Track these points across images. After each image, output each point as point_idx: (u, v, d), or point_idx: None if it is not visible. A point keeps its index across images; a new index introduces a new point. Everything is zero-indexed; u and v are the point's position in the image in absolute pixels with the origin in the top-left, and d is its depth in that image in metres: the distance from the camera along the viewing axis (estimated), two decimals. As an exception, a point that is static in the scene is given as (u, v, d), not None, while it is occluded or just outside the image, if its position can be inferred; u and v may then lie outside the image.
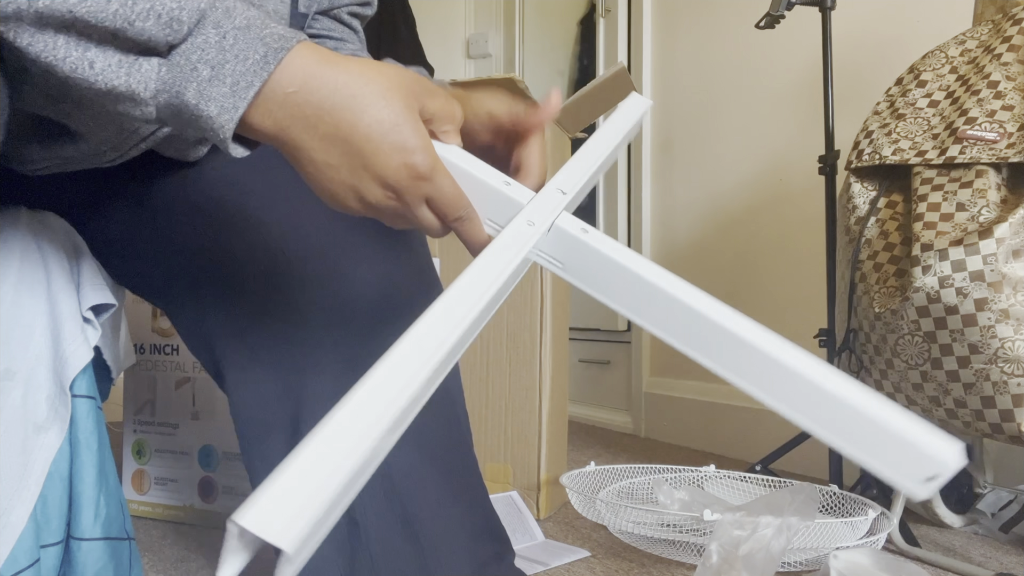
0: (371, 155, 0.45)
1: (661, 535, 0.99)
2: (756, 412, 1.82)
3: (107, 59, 0.42)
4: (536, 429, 1.29)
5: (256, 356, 0.74)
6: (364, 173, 0.46)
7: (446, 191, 0.48)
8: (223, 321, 0.75)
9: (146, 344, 1.33)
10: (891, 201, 1.12)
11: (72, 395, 0.65)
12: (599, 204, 2.44)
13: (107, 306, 0.70)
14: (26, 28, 0.42)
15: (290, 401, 0.73)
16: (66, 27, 0.42)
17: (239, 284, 0.74)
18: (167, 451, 1.30)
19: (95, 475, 0.67)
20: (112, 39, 0.42)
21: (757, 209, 1.88)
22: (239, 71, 0.43)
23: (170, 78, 0.43)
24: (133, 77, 0.43)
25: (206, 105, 0.43)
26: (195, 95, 0.43)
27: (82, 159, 0.68)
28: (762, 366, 0.45)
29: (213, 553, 1.14)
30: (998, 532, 1.18)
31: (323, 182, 0.47)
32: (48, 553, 0.63)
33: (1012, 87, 1.01)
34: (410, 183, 0.46)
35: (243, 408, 0.75)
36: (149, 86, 0.43)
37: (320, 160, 0.46)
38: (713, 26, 2.04)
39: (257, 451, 0.74)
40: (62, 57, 0.42)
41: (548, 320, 1.31)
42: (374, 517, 0.68)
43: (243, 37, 0.44)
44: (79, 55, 0.42)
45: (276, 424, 0.73)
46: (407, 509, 0.68)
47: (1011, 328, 0.92)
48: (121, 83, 0.43)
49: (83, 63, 0.42)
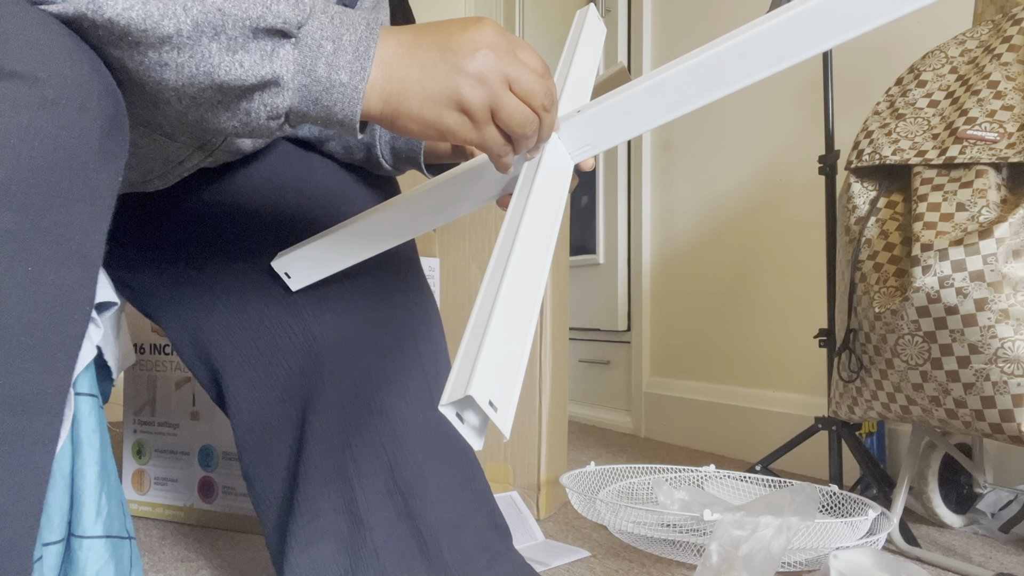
0: (465, 51, 0.52)
1: (661, 535, 0.99)
2: (756, 412, 1.83)
3: (251, 56, 0.48)
4: (536, 429, 1.29)
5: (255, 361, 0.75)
6: (458, 49, 0.52)
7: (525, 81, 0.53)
8: (221, 329, 0.75)
9: (146, 344, 1.33)
10: (891, 201, 1.12)
11: (74, 393, 0.65)
12: (599, 204, 2.44)
13: (109, 304, 0.70)
14: (185, 42, 0.46)
15: (294, 405, 0.73)
16: (216, 33, 0.46)
17: (239, 292, 0.75)
18: (167, 451, 1.30)
19: (97, 473, 0.67)
20: (252, 35, 0.47)
21: (757, 209, 1.88)
22: (354, 40, 0.50)
23: (302, 58, 0.49)
24: (276, 63, 0.48)
25: (337, 73, 0.49)
26: (325, 68, 0.49)
27: (128, 186, 0.70)
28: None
29: (213, 553, 1.13)
30: (998, 532, 1.18)
31: (423, 90, 0.51)
32: (50, 551, 0.63)
33: (1012, 87, 1.01)
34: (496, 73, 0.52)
35: (243, 413, 0.75)
36: (289, 68, 0.49)
37: (418, 74, 0.51)
38: (713, 26, 2.04)
39: (259, 455, 0.74)
40: (217, 63, 0.47)
41: (548, 320, 1.31)
42: (377, 513, 0.68)
43: (343, 15, 0.51)
44: (231, 59, 0.47)
45: (279, 427, 0.74)
46: (410, 504, 0.69)
47: (1011, 328, 0.92)
48: (267, 72, 0.48)
49: (235, 65, 0.47)
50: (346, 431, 0.71)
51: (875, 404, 1.11)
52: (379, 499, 0.69)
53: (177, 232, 0.77)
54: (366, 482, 0.69)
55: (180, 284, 0.77)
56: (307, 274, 0.72)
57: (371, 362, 0.73)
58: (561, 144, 0.61)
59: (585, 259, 2.47)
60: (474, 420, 0.42)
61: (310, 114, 0.51)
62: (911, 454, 1.16)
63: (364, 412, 0.71)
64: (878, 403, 1.11)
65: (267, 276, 0.74)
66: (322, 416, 0.72)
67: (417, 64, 0.51)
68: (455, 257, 1.32)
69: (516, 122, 0.53)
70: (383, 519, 0.68)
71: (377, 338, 0.74)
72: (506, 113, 0.53)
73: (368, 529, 0.68)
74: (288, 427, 0.73)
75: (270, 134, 0.53)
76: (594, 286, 2.45)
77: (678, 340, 2.14)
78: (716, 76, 0.56)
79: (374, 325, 0.74)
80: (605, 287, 2.40)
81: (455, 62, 0.51)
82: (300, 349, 0.73)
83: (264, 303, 0.74)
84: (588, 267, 2.47)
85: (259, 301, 0.74)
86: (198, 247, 0.76)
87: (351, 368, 0.72)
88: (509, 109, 0.53)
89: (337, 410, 0.72)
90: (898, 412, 1.08)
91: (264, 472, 0.74)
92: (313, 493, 0.70)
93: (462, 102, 0.51)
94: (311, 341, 0.73)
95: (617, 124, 0.59)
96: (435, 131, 0.52)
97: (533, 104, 0.54)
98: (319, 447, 0.71)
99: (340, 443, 0.70)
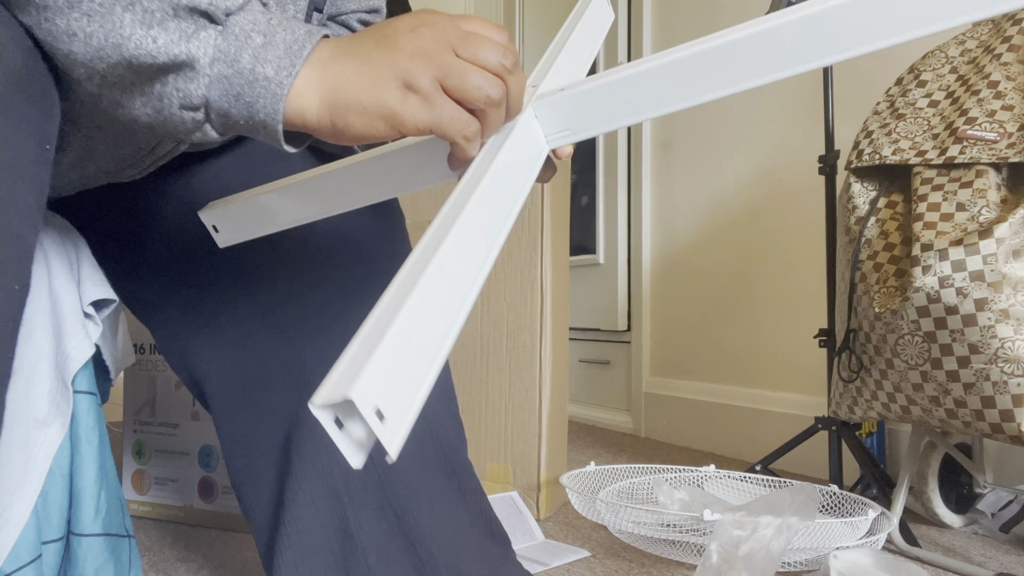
0: (401, 32, 0.47)
1: (661, 535, 0.99)
2: (756, 412, 1.82)
3: (168, 34, 0.44)
4: (536, 429, 1.29)
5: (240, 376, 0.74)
6: (394, 33, 0.47)
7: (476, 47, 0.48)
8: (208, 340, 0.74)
9: (146, 344, 1.33)
10: (891, 201, 1.12)
11: (73, 391, 0.65)
12: (599, 204, 2.44)
13: (107, 302, 0.70)
14: (96, 9, 0.43)
15: (282, 420, 0.72)
16: (132, 2, 0.43)
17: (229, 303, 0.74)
18: (167, 451, 1.30)
19: (95, 471, 0.67)
20: (174, 12, 0.44)
21: (757, 209, 1.88)
22: (288, 39, 0.46)
23: (226, 45, 0.45)
24: (192, 44, 0.45)
25: (263, 67, 0.45)
26: (251, 59, 0.45)
27: (102, 176, 0.69)
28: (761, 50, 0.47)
29: (213, 553, 1.13)
30: (998, 532, 1.18)
31: (361, 76, 0.46)
32: (49, 549, 0.63)
33: (1012, 87, 1.01)
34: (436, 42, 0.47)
35: (229, 428, 0.74)
36: (208, 52, 0.45)
37: (355, 64, 0.47)
38: (713, 26, 2.04)
39: (246, 470, 0.73)
40: (128, 35, 0.44)
41: (548, 320, 1.31)
42: (369, 529, 0.67)
43: (285, 19, 0.48)
44: (144, 32, 0.44)
45: (266, 443, 0.72)
46: (402, 520, 0.67)
47: (1011, 328, 0.92)
48: (182, 51, 0.45)
49: (147, 39, 0.44)
50: (333, 446, 0.69)
51: (875, 404, 1.11)
52: (370, 516, 0.67)
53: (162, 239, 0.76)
54: (356, 499, 0.67)
55: (167, 295, 0.76)
56: (236, 232, 0.65)
57: None
58: (537, 124, 0.52)
59: (585, 259, 2.47)
60: (358, 431, 0.33)
61: (231, 112, 0.47)
62: (911, 454, 1.16)
63: None
64: (878, 403, 1.10)
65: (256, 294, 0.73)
66: (308, 431, 0.70)
67: (353, 56, 0.47)
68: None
69: (472, 84, 0.46)
70: (375, 537, 0.66)
71: None
72: (457, 78, 0.46)
73: (360, 548, 0.66)
74: (274, 442, 0.71)
75: (187, 131, 0.48)
76: (594, 286, 2.45)
77: (678, 340, 2.14)
78: (726, 71, 0.48)
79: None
80: (605, 287, 2.40)
81: (392, 44, 0.46)
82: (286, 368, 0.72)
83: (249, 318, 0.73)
84: (588, 267, 2.47)
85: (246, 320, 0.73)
86: (186, 261, 0.75)
87: None
88: (459, 71, 0.46)
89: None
90: (898, 412, 1.08)
91: (251, 488, 0.73)
92: (302, 511, 0.68)
93: (405, 76, 0.45)
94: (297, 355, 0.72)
95: (605, 110, 0.50)
96: (382, 120, 0.46)
97: (489, 64, 0.47)
98: (306, 463, 0.69)
99: (328, 459, 0.68)
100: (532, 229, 1.32)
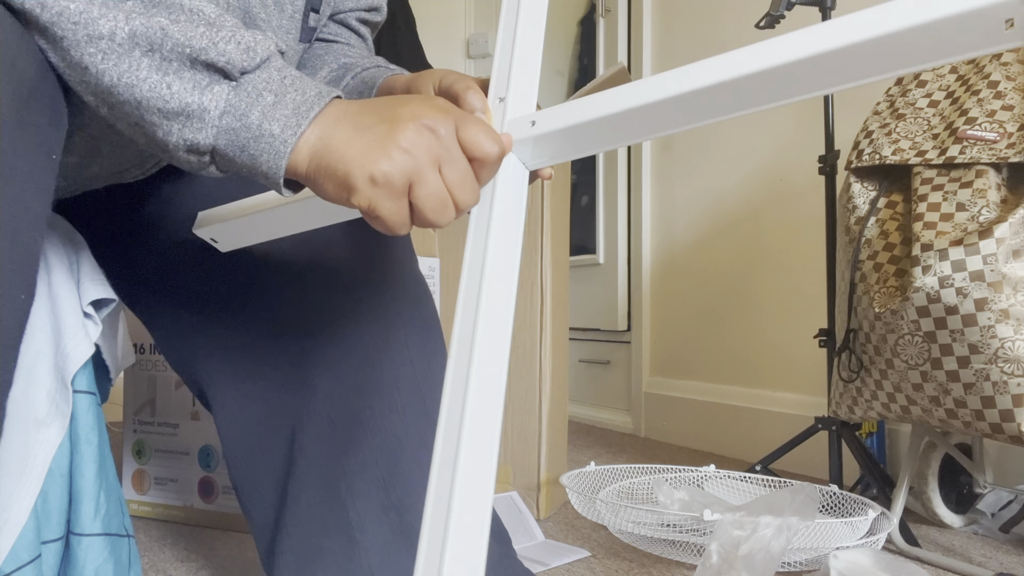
0: (403, 120, 0.49)
1: (661, 535, 0.99)
2: (756, 412, 1.82)
3: (183, 83, 0.47)
4: (536, 429, 1.29)
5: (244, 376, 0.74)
6: (396, 118, 0.49)
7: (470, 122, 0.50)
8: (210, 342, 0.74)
9: (146, 344, 1.33)
10: (891, 201, 1.12)
11: (72, 390, 0.65)
12: (599, 204, 2.44)
13: (107, 301, 0.70)
14: (115, 49, 0.45)
15: (283, 420, 0.72)
16: (152, 49, 0.46)
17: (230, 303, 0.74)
18: (167, 451, 1.30)
19: (95, 471, 0.66)
20: (191, 64, 0.46)
21: (757, 209, 1.88)
22: (299, 100, 0.48)
23: (237, 101, 0.48)
24: (206, 96, 0.47)
25: (270, 124, 0.48)
26: (259, 116, 0.48)
27: (107, 177, 0.69)
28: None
29: (213, 553, 1.13)
30: (998, 532, 1.18)
31: (347, 149, 0.48)
32: (49, 549, 0.63)
33: (1012, 87, 1.01)
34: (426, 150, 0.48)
35: (230, 427, 0.74)
36: (218, 105, 0.47)
37: (348, 134, 0.48)
38: (713, 26, 2.04)
39: (248, 470, 0.73)
40: (143, 78, 0.46)
41: (548, 320, 1.31)
42: (372, 532, 0.67)
43: (300, 79, 0.50)
44: (159, 78, 0.46)
45: (267, 443, 0.72)
46: (405, 521, 0.67)
47: (1011, 328, 0.92)
48: (194, 100, 0.47)
49: (161, 85, 0.46)
50: (337, 447, 0.69)
51: (875, 404, 1.11)
52: (373, 517, 0.67)
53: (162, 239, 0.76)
54: (359, 500, 0.67)
55: (168, 295, 0.76)
56: (235, 242, 0.68)
57: (362, 375, 0.71)
58: (515, 158, 0.54)
59: (585, 259, 2.47)
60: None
61: (236, 161, 0.49)
62: (911, 454, 1.16)
63: (355, 427, 0.69)
64: (878, 403, 1.10)
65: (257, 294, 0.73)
66: (312, 432, 0.70)
67: (352, 126, 0.49)
68: (455, 257, 1.32)
69: (430, 206, 0.48)
70: (378, 538, 0.66)
71: (367, 349, 0.72)
72: (424, 193, 0.48)
73: (363, 549, 0.66)
74: (277, 443, 0.71)
75: (191, 169, 0.50)
76: (594, 286, 2.45)
77: (678, 340, 2.14)
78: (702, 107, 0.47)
79: (364, 338, 0.72)
80: (605, 287, 2.40)
81: (389, 129, 0.48)
82: (288, 369, 0.72)
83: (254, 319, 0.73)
84: (588, 267, 2.47)
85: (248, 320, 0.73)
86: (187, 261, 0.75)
87: (341, 382, 0.71)
88: (429, 189, 0.48)
89: (327, 425, 0.70)
90: (898, 412, 1.08)
91: (252, 488, 0.73)
92: (304, 512, 0.68)
93: (382, 168, 0.47)
94: (300, 356, 0.72)
95: (581, 142, 0.52)
96: (345, 191, 0.48)
97: (459, 199, 0.49)
98: (309, 464, 0.69)
99: (331, 460, 0.68)
100: (532, 229, 1.32)
